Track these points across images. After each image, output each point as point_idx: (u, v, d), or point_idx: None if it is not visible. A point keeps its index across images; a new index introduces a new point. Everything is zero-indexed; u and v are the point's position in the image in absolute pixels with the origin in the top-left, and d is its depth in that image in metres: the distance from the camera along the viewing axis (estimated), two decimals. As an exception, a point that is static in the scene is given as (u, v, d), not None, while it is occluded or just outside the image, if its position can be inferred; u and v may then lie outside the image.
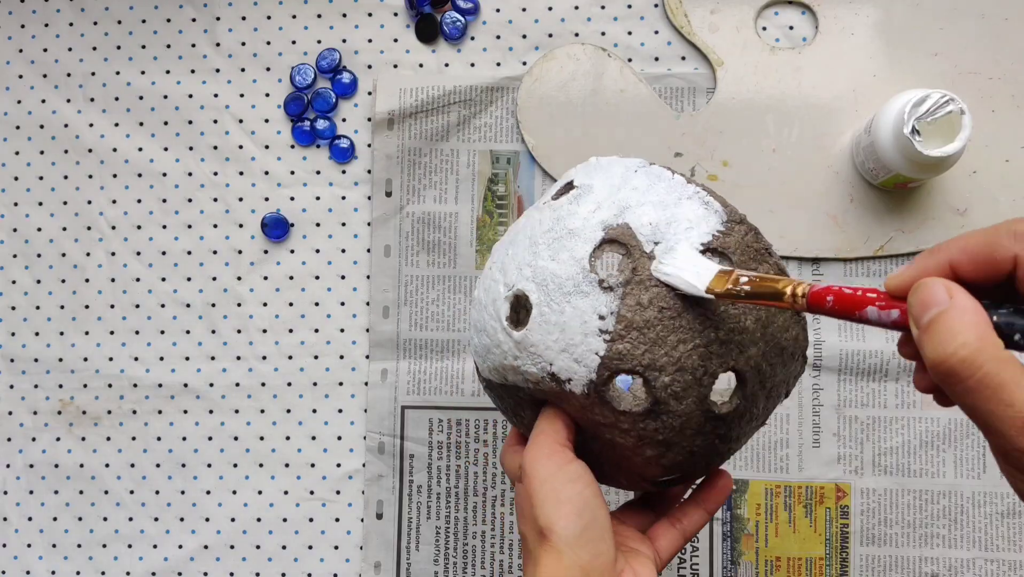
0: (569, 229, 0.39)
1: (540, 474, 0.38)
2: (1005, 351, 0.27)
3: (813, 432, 0.58)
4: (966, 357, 0.26)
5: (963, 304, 0.27)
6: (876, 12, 0.59)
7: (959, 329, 0.27)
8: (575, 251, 0.38)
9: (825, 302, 0.31)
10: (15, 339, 0.62)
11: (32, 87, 0.63)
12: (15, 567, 0.61)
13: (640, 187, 0.39)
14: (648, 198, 0.39)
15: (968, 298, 0.28)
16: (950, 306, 0.27)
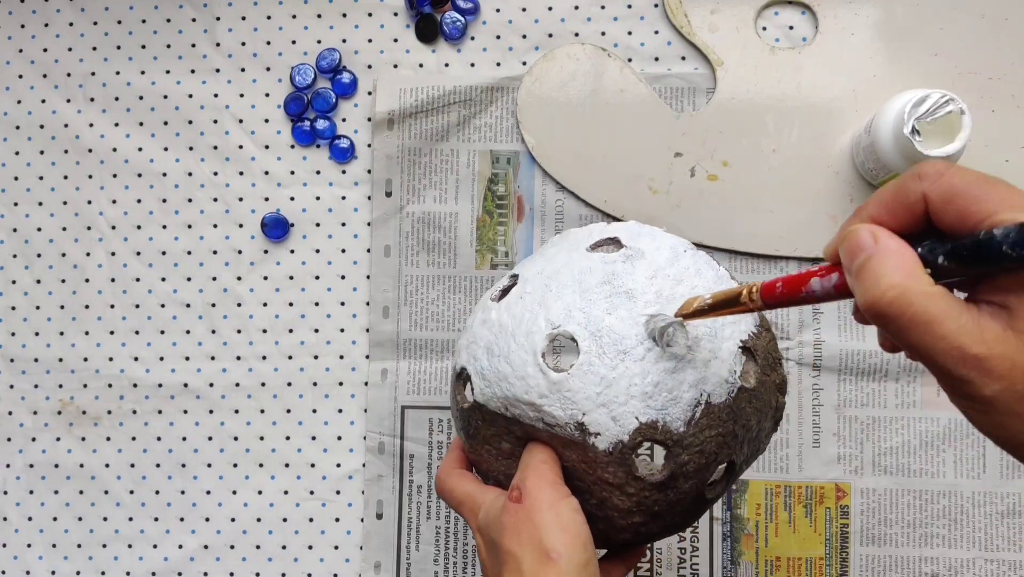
0: (627, 289, 0.39)
1: (545, 499, 0.38)
2: (933, 286, 0.27)
3: (813, 432, 0.58)
4: (895, 298, 0.27)
5: (887, 245, 0.28)
6: (876, 12, 0.59)
7: (886, 271, 0.27)
8: (634, 312, 0.39)
9: (775, 290, 0.33)
10: (15, 339, 0.62)
11: (32, 87, 0.63)
12: (15, 567, 0.61)
13: (691, 268, 0.41)
14: (699, 282, 0.40)
15: (893, 239, 0.28)
16: (876, 249, 0.28)
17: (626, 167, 0.59)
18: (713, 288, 0.40)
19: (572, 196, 0.60)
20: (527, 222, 0.60)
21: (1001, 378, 0.26)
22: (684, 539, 0.58)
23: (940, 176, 0.28)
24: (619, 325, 0.38)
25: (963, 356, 0.27)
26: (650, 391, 0.38)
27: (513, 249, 0.60)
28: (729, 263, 0.59)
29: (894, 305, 0.27)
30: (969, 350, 0.27)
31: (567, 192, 0.60)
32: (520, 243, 0.60)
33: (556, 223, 0.60)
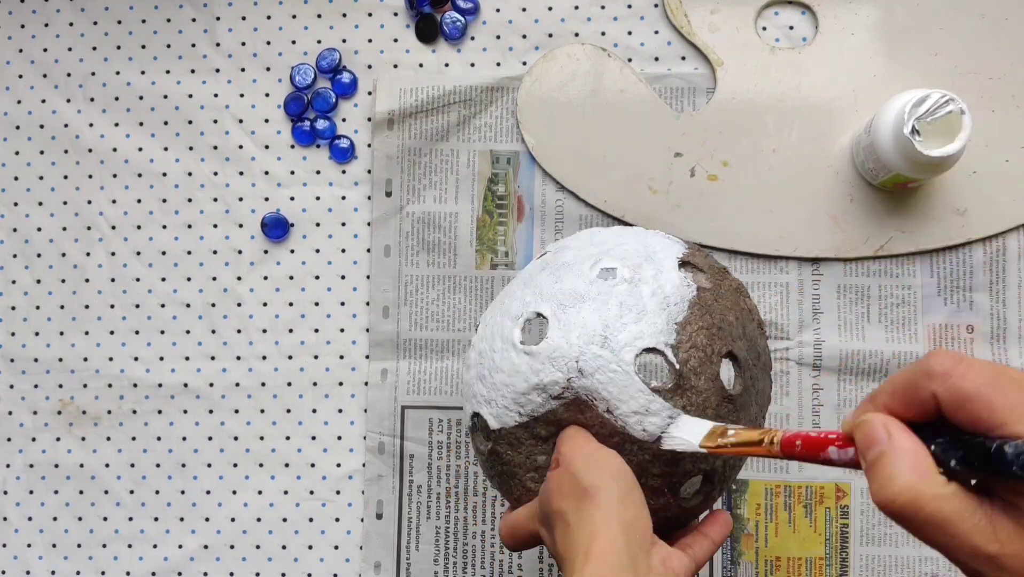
0: (563, 262, 0.44)
1: (582, 450, 0.40)
2: (946, 486, 0.28)
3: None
4: (908, 502, 0.28)
5: (900, 444, 0.29)
6: (876, 12, 0.59)
7: (899, 472, 0.28)
8: (580, 272, 0.43)
9: (795, 446, 0.34)
10: (15, 339, 0.62)
11: (32, 87, 0.63)
12: (15, 567, 0.61)
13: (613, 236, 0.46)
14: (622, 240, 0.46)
15: (905, 436, 0.29)
16: (888, 447, 0.29)
17: (626, 167, 0.59)
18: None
19: (572, 196, 0.60)
20: (527, 222, 0.60)
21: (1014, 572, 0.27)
22: (684, 539, 0.58)
23: (948, 377, 0.28)
24: (571, 284, 0.42)
25: (976, 554, 0.27)
26: (618, 314, 0.41)
27: (513, 249, 0.60)
28: (729, 263, 0.59)
29: (907, 508, 0.28)
30: (983, 549, 0.27)
31: (567, 192, 0.60)
32: (520, 243, 0.60)
33: (556, 223, 0.60)
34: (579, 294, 0.42)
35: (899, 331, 0.58)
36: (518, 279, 0.46)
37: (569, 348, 0.41)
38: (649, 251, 0.44)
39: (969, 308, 0.58)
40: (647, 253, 0.44)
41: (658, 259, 0.43)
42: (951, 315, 0.58)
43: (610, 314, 0.41)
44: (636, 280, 0.42)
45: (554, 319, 0.42)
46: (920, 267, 0.58)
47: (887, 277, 0.58)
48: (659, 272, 0.43)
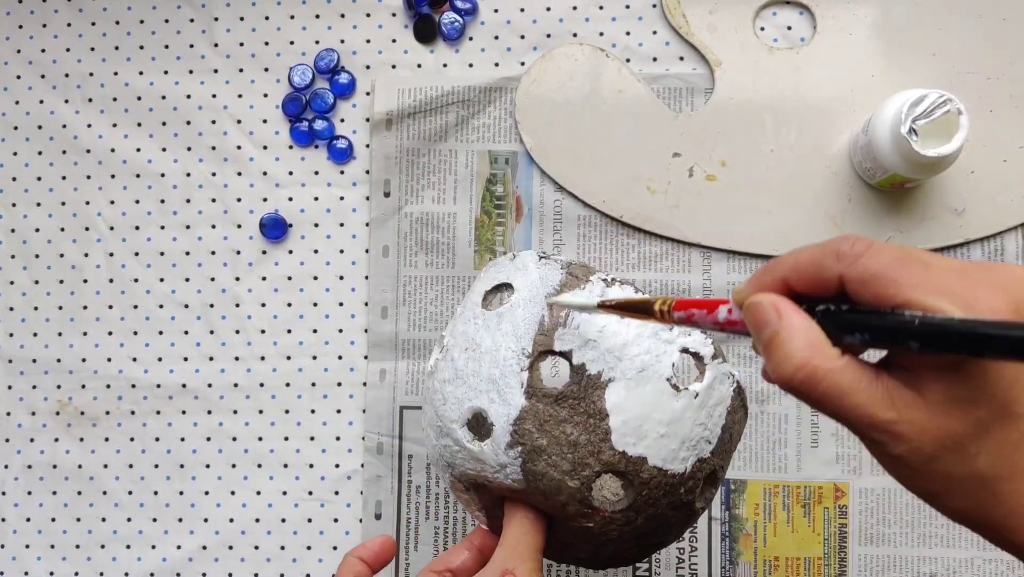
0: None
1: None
2: (840, 358, 0.28)
3: (811, 432, 0.58)
4: (805, 377, 0.28)
5: (791, 323, 0.29)
6: (874, 12, 0.59)
7: (792, 350, 0.28)
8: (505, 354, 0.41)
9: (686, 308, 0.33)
10: (13, 340, 0.62)
11: (30, 87, 0.63)
12: (14, 568, 0.61)
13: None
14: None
15: (796, 314, 0.29)
16: (780, 326, 0.29)
17: (624, 167, 0.59)
18: None
19: (571, 196, 0.60)
20: (526, 222, 0.60)
21: (910, 440, 0.28)
22: (683, 539, 0.58)
23: (857, 259, 0.28)
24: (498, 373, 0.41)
25: (873, 423, 0.28)
26: None
27: (512, 250, 0.60)
28: (727, 263, 0.59)
29: (805, 384, 0.28)
30: (880, 417, 0.28)
31: (566, 192, 0.60)
32: (519, 243, 0.60)
33: (555, 223, 0.60)
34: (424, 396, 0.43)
35: (897, 331, 0.58)
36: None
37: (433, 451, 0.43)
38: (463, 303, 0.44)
39: (967, 308, 0.58)
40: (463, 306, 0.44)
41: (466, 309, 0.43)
42: (949, 315, 0.58)
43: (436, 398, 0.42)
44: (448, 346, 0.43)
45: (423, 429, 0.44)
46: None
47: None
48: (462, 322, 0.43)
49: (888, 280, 0.28)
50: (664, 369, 0.40)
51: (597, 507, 0.40)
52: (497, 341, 0.40)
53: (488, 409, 0.40)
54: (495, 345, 0.40)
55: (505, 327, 0.41)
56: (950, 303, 0.27)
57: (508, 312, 0.41)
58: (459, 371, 0.41)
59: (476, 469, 0.41)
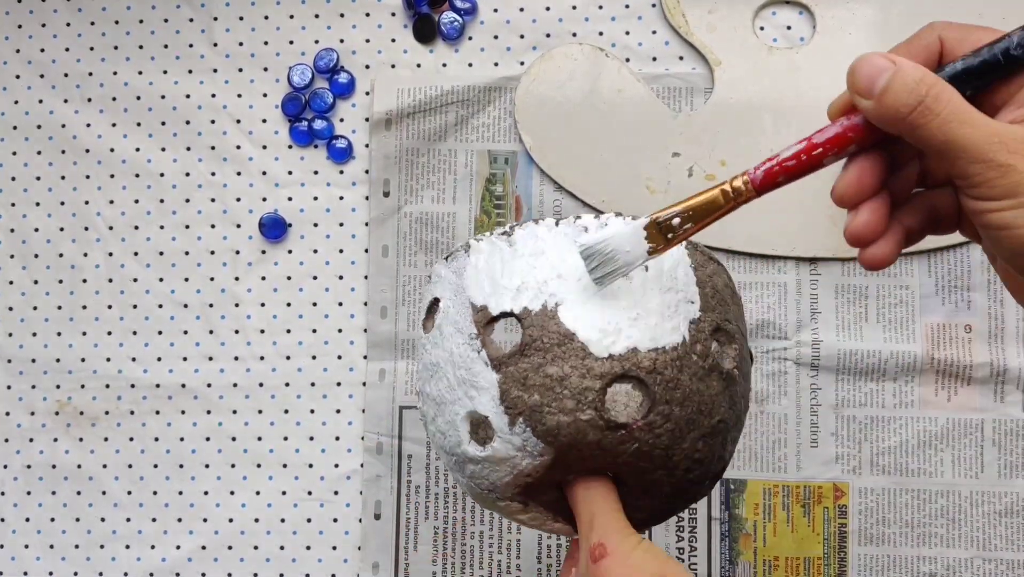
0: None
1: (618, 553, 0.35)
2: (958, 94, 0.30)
3: (811, 432, 0.58)
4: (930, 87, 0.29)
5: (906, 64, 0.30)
6: (873, 12, 0.59)
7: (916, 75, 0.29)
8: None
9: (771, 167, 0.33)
10: (12, 340, 0.62)
11: (29, 87, 0.63)
12: (13, 568, 0.61)
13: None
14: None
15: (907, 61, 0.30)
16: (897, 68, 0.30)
17: (624, 167, 0.59)
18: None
19: (570, 196, 0.60)
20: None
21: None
22: (682, 539, 0.58)
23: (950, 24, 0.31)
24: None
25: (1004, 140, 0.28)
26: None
27: (511, 249, 0.60)
28: (728, 263, 0.59)
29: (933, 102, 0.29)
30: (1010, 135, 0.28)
31: (565, 192, 0.60)
32: (518, 243, 0.60)
33: (554, 223, 0.60)
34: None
35: (897, 331, 0.58)
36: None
37: None
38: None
39: (967, 308, 0.58)
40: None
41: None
42: (949, 315, 0.58)
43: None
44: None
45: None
46: (918, 267, 0.58)
47: (885, 277, 0.58)
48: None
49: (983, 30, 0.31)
50: None
51: (625, 423, 0.37)
52: (448, 347, 0.39)
53: (475, 407, 0.38)
54: (447, 352, 0.39)
55: (447, 331, 0.40)
56: None
57: (443, 318, 0.40)
58: (436, 399, 0.40)
59: (508, 471, 0.38)
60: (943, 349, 0.57)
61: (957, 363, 0.57)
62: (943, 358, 0.57)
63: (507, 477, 0.39)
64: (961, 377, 0.57)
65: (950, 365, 0.57)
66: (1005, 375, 0.57)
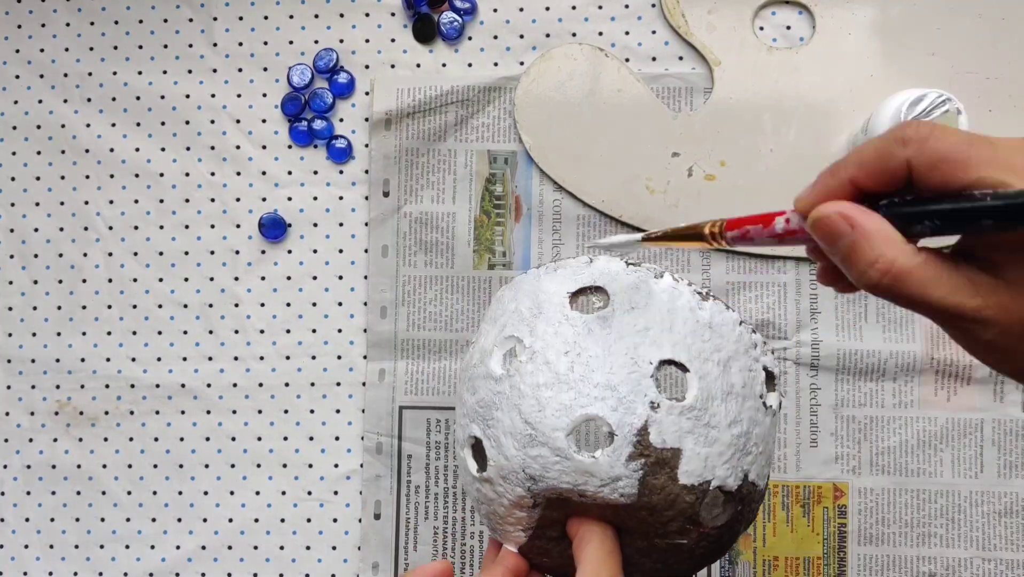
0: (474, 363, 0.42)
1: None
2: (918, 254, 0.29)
3: (811, 432, 0.58)
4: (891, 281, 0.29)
5: (866, 229, 0.29)
6: (873, 12, 0.59)
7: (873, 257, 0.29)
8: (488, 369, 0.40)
9: (739, 226, 0.34)
10: (12, 340, 0.62)
11: (29, 87, 0.63)
12: (13, 568, 0.61)
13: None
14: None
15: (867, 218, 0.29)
16: (856, 236, 0.29)
17: (624, 167, 0.59)
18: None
19: (570, 196, 0.60)
20: (525, 222, 0.60)
21: (998, 323, 0.29)
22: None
23: (924, 141, 0.29)
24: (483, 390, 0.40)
25: (960, 312, 0.29)
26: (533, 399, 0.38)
27: (511, 249, 0.60)
28: (727, 263, 0.59)
29: (893, 285, 0.29)
30: (965, 305, 0.28)
31: (565, 192, 0.60)
32: (518, 243, 0.60)
33: (554, 223, 0.60)
34: (490, 401, 0.39)
35: (896, 331, 0.58)
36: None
37: (510, 462, 0.38)
38: (538, 303, 0.40)
39: (966, 308, 0.58)
40: (537, 306, 0.40)
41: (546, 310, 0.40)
42: (948, 315, 0.58)
43: (525, 404, 0.38)
44: (535, 349, 0.39)
45: (485, 439, 0.39)
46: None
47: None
48: (550, 324, 0.39)
49: (956, 160, 0.28)
50: (758, 387, 0.40)
51: (700, 523, 0.38)
52: (610, 346, 0.38)
53: (609, 417, 0.37)
54: (606, 350, 0.38)
55: (616, 331, 0.39)
56: (1020, 179, 0.27)
57: (613, 317, 0.39)
58: (561, 375, 0.38)
59: (575, 482, 0.37)
60: (943, 349, 0.57)
61: (957, 363, 0.57)
62: (943, 358, 0.57)
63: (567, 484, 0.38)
64: (961, 377, 0.57)
65: (950, 365, 0.57)
66: (1005, 375, 0.57)
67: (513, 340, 0.40)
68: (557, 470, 0.38)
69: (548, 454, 0.38)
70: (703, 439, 0.38)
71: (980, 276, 0.29)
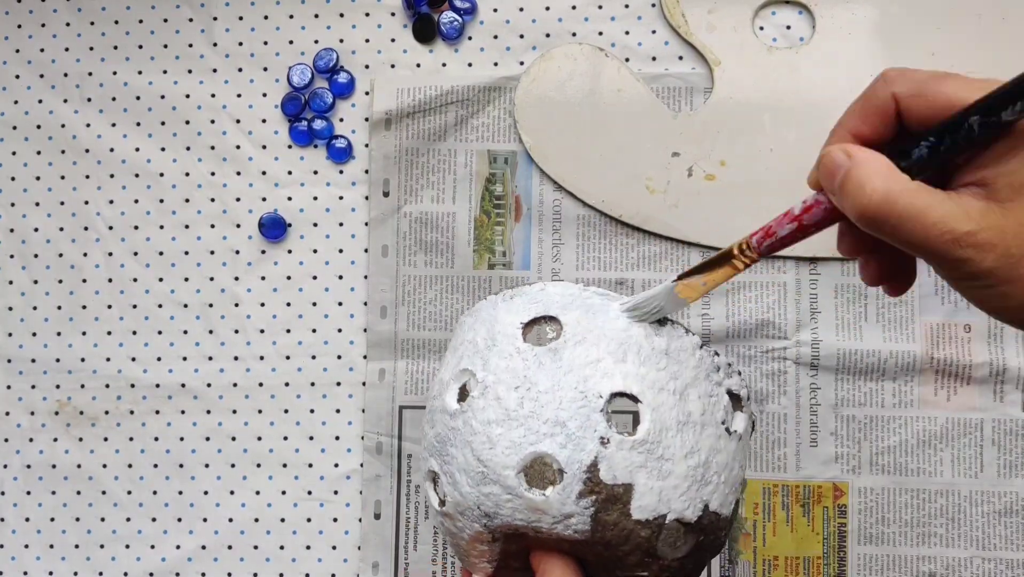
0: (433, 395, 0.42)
1: None
2: (912, 182, 0.30)
3: (811, 431, 0.58)
4: (881, 200, 0.29)
5: (861, 157, 0.31)
6: (873, 12, 0.59)
7: (865, 178, 0.30)
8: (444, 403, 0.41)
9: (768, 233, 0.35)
10: (12, 340, 0.62)
11: (29, 87, 0.63)
12: (13, 568, 0.61)
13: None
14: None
15: (864, 150, 0.31)
16: (851, 163, 0.31)
17: (624, 167, 0.59)
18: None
19: (570, 196, 0.60)
20: (525, 222, 0.60)
21: (994, 247, 0.29)
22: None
23: (903, 75, 0.31)
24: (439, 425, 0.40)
25: (956, 237, 0.29)
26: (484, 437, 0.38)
27: (511, 249, 0.60)
28: (727, 263, 0.59)
29: (882, 207, 0.29)
30: (960, 229, 0.29)
31: (565, 192, 0.60)
32: (518, 243, 0.60)
33: (554, 223, 0.60)
34: (446, 436, 0.39)
35: (896, 330, 0.58)
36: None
37: (465, 499, 0.38)
38: (492, 334, 0.40)
39: (967, 307, 0.58)
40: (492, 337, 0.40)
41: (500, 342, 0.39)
42: (948, 314, 0.58)
43: (476, 441, 0.38)
44: (487, 384, 0.38)
45: (442, 474, 0.39)
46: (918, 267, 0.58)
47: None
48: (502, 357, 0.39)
49: (936, 88, 0.30)
50: (719, 413, 0.39)
51: (660, 556, 0.38)
52: (558, 380, 0.38)
53: (557, 454, 0.37)
54: (555, 384, 0.38)
55: (565, 364, 0.38)
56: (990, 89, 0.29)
57: (564, 348, 0.38)
58: (511, 412, 0.38)
59: (528, 519, 0.38)
60: (942, 349, 0.57)
61: (956, 363, 0.57)
62: (942, 358, 0.57)
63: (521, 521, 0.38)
64: (960, 377, 0.57)
65: (949, 365, 0.57)
66: (1004, 375, 0.57)
67: (468, 374, 0.40)
68: (510, 508, 0.38)
69: (500, 492, 0.37)
70: (656, 473, 0.37)
71: (972, 201, 0.29)
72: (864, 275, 0.36)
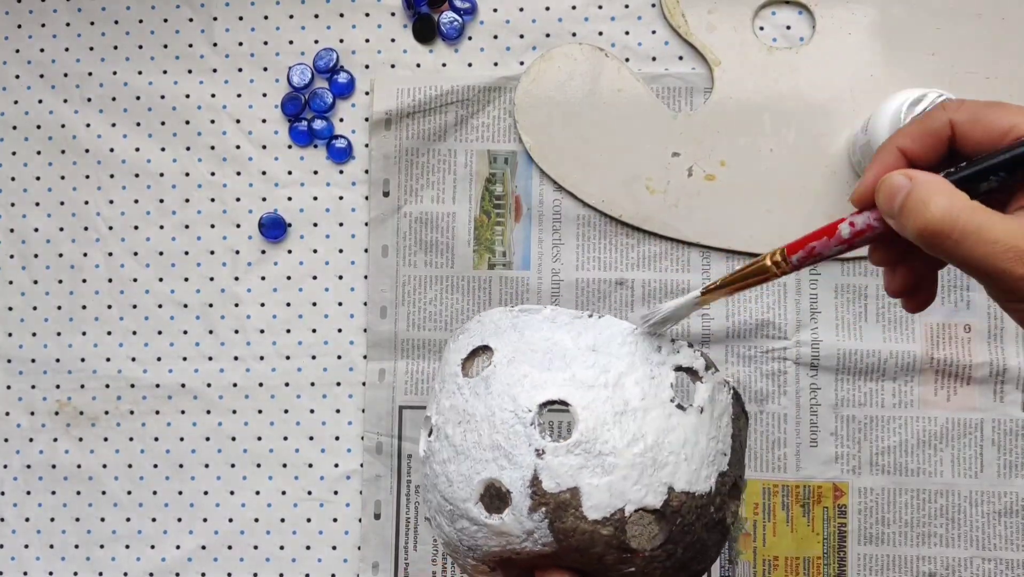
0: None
1: None
2: (972, 200, 0.30)
3: (811, 431, 0.58)
4: (943, 216, 0.30)
5: (923, 178, 0.31)
6: (873, 12, 0.59)
7: (928, 196, 0.30)
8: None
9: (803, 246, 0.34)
10: (12, 340, 0.62)
11: (29, 87, 0.63)
12: (13, 568, 0.61)
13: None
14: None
15: (925, 173, 0.31)
16: (913, 184, 0.31)
17: (624, 167, 0.59)
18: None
19: (570, 196, 0.60)
20: (525, 222, 0.60)
21: None
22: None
23: (962, 104, 0.32)
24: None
25: (1019, 254, 0.29)
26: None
27: (511, 249, 0.60)
28: (727, 263, 0.59)
29: (945, 222, 0.30)
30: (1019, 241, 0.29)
31: (565, 192, 0.60)
32: (518, 243, 0.60)
33: (554, 223, 0.60)
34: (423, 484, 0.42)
35: (896, 330, 0.58)
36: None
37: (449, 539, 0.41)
38: (442, 376, 0.42)
39: (966, 307, 0.58)
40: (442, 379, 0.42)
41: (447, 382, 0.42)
42: (948, 314, 0.58)
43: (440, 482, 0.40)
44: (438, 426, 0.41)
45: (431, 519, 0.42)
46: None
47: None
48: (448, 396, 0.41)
49: (993, 115, 0.31)
50: (664, 392, 0.39)
51: (636, 549, 0.38)
52: (491, 405, 0.39)
53: (500, 477, 0.38)
54: (489, 410, 0.39)
55: (495, 388, 0.39)
56: None
57: (493, 373, 0.39)
58: (458, 447, 0.39)
59: (501, 544, 0.39)
60: (942, 349, 0.57)
61: (956, 363, 0.57)
62: (942, 358, 0.57)
63: (496, 547, 0.39)
64: (960, 377, 0.57)
65: (949, 365, 0.57)
66: (1004, 375, 0.57)
67: (428, 421, 0.42)
68: (482, 537, 0.39)
69: (469, 524, 0.39)
70: (599, 469, 0.38)
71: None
72: (889, 286, 0.36)
